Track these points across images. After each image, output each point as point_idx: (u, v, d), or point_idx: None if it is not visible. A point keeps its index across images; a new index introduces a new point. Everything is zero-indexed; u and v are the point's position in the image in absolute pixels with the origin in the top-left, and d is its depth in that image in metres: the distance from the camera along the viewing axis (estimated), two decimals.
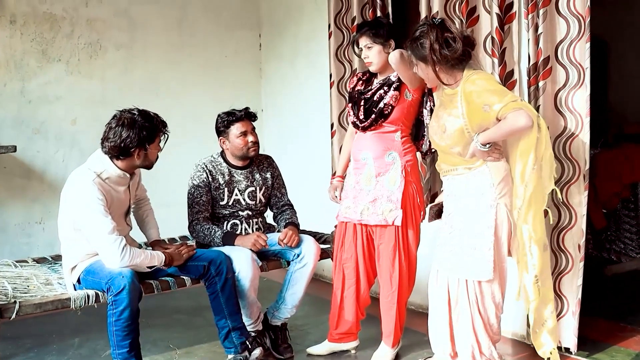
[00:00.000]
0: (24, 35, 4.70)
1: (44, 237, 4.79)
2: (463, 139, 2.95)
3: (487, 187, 2.98)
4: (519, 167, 2.91)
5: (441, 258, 3.12)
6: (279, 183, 3.89)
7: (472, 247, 2.98)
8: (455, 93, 2.98)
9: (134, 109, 3.18)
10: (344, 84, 4.69)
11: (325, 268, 4.99)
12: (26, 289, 3.25)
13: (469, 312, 3.04)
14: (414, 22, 4.26)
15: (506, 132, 2.85)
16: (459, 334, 3.10)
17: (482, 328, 3.05)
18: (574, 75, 3.29)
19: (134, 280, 3.00)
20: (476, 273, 3.00)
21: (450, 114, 2.99)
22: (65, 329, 4.14)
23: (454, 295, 3.09)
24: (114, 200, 3.18)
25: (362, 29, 3.46)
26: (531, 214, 2.92)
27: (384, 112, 3.39)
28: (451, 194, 3.11)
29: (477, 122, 2.90)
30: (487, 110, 2.84)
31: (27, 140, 4.70)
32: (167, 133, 3.28)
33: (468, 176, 3.02)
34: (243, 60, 5.76)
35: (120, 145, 3.11)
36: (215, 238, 3.55)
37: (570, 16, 3.25)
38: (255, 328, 3.55)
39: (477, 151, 2.92)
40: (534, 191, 2.90)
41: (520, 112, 2.79)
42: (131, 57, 5.16)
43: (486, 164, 2.98)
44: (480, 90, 2.89)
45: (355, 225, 3.55)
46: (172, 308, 4.56)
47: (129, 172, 3.24)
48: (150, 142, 3.18)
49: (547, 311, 3.06)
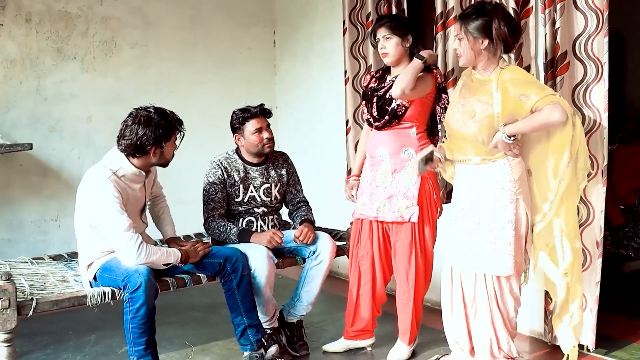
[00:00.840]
0: (40, 33, 4.71)
1: (59, 235, 4.81)
2: (491, 127, 2.95)
3: (507, 182, 2.97)
4: (552, 163, 2.93)
5: (455, 254, 3.11)
6: (295, 179, 3.88)
7: (491, 242, 2.97)
8: (489, 80, 2.98)
9: (150, 107, 3.18)
10: (358, 80, 4.67)
11: (340, 265, 4.99)
12: (43, 286, 3.27)
13: (487, 308, 3.02)
14: (428, 18, 4.25)
15: (539, 125, 2.86)
16: (477, 330, 3.09)
17: (500, 323, 3.04)
18: (592, 70, 3.25)
19: (150, 278, 3.01)
20: (495, 268, 2.99)
21: (480, 99, 2.98)
22: (82, 326, 4.16)
23: (470, 291, 3.07)
24: (130, 197, 3.18)
25: (382, 20, 3.46)
26: (564, 208, 2.95)
27: (397, 112, 3.38)
28: (466, 187, 3.09)
29: (508, 112, 2.90)
30: (524, 100, 2.85)
31: (42, 138, 4.72)
32: (183, 131, 3.28)
33: (487, 168, 3.00)
34: (257, 57, 5.76)
35: (136, 143, 3.11)
36: (231, 235, 3.55)
37: (588, 10, 3.22)
38: (271, 325, 3.55)
39: (501, 142, 2.92)
40: (568, 187, 2.93)
41: (557, 106, 2.81)
42: (146, 54, 5.16)
43: (507, 157, 2.97)
44: (518, 80, 2.92)
45: (372, 222, 3.53)
46: (188, 305, 4.56)
47: (145, 170, 3.25)
48: (166, 140, 3.17)
49: (573, 306, 3.06)
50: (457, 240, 3.09)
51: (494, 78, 2.97)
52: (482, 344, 3.09)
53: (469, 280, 3.08)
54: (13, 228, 4.68)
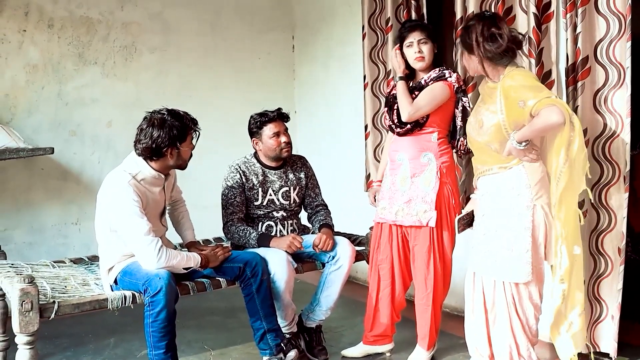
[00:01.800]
0: (61, 39, 4.76)
1: (80, 238, 4.85)
2: (500, 135, 2.93)
3: (523, 188, 2.94)
4: (553, 165, 2.88)
5: (476, 260, 3.09)
6: (313, 183, 3.88)
7: (508, 249, 2.95)
8: (496, 87, 2.98)
9: (163, 109, 3.21)
10: (378, 85, 4.67)
11: (359, 270, 4.98)
12: (64, 289, 3.29)
13: (506, 314, 3.00)
14: (448, 23, 4.24)
15: (539, 129, 2.82)
16: (496, 336, 3.07)
17: (520, 329, 3.01)
18: (613, 75, 3.22)
19: (170, 282, 3.02)
20: (513, 275, 2.96)
21: (488, 109, 2.98)
22: (101, 329, 4.19)
23: (490, 297, 3.06)
24: (150, 201, 3.20)
25: (413, 23, 3.49)
26: (563, 211, 2.88)
27: (419, 120, 3.38)
28: (486, 194, 3.08)
29: (513, 118, 2.88)
30: (522, 106, 2.83)
31: (63, 142, 4.77)
32: (199, 130, 3.29)
33: (503, 175, 2.99)
34: (276, 62, 5.78)
35: (152, 145, 3.13)
36: (251, 239, 3.56)
37: (610, 15, 3.19)
38: (290, 330, 3.55)
39: (514, 149, 2.90)
40: (565, 188, 2.86)
41: (553, 108, 2.75)
42: (165, 60, 5.20)
43: (522, 164, 2.95)
44: (517, 86, 2.88)
45: (391, 226, 3.53)
46: (207, 309, 4.58)
47: (164, 173, 3.27)
48: (181, 140, 3.19)
49: (573, 314, 2.97)
50: (478, 246, 3.08)
51: (499, 85, 2.97)
52: (501, 350, 3.06)
53: (489, 286, 3.06)
54: (34, 231, 4.72)
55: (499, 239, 2.98)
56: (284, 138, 3.69)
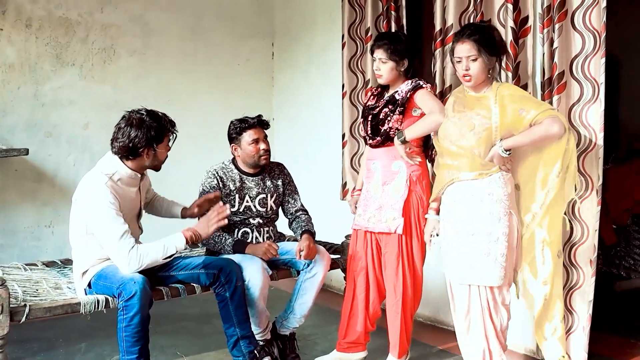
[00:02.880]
0: (39, 39, 4.72)
1: (53, 241, 4.80)
2: (488, 140, 3.01)
3: (502, 195, 3.03)
4: (541, 175, 3.03)
5: (449, 267, 3.13)
6: (291, 189, 3.88)
7: (485, 254, 3.00)
8: (485, 97, 3.05)
9: (142, 110, 3.21)
10: (356, 94, 4.70)
11: (333, 278, 4.98)
12: (36, 293, 3.26)
13: (481, 319, 3.05)
14: (427, 34, 4.28)
15: (538, 137, 2.94)
16: (470, 342, 3.10)
17: (493, 335, 3.06)
18: (588, 90, 3.28)
19: (145, 287, 3.00)
20: (488, 278, 3.02)
21: (478, 113, 3.05)
22: (73, 334, 4.14)
23: (465, 303, 3.09)
24: (126, 202, 3.18)
25: (382, 41, 3.47)
26: (547, 219, 3.03)
27: (390, 135, 3.41)
28: (460, 200, 3.10)
29: (506, 126, 2.98)
30: (524, 114, 2.94)
31: (39, 143, 4.72)
32: (176, 132, 3.29)
33: (482, 182, 3.04)
34: (255, 69, 5.79)
35: (128, 145, 3.12)
36: (226, 246, 3.55)
37: (586, 31, 3.25)
38: (263, 337, 3.54)
39: (497, 156, 3.00)
40: (555, 198, 3.01)
41: (556, 119, 2.92)
42: (145, 63, 5.18)
43: (501, 172, 3.03)
44: (517, 96, 3.02)
45: (366, 233, 3.56)
46: (180, 315, 4.55)
47: (140, 173, 3.26)
48: (158, 142, 3.19)
49: (555, 320, 3.12)
50: (453, 252, 3.11)
51: (491, 94, 3.05)
52: (475, 356, 3.10)
53: (462, 293, 3.10)
54: (6, 233, 4.67)
55: (476, 244, 3.02)
56: (263, 145, 3.69)
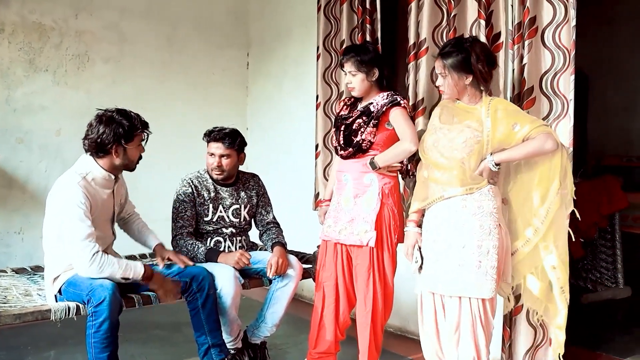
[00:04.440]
0: (12, 44, 4.69)
1: (22, 248, 4.74)
2: (479, 153, 3.04)
3: (491, 208, 3.05)
4: (539, 191, 3.07)
5: (437, 279, 3.13)
6: (264, 201, 3.89)
7: (476, 266, 3.03)
8: (476, 109, 3.08)
9: (113, 109, 3.22)
10: (330, 105, 4.73)
11: (305, 288, 5.00)
12: (4, 299, 3.22)
13: (471, 330, 3.06)
14: (402, 47, 4.34)
15: (531, 152, 2.99)
16: (460, 354, 3.12)
17: (484, 345, 3.09)
18: (557, 106, 3.34)
19: (115, 292, 2.98)
20: (479, 291, 3.04)
21: (469, 125, 3.06)
22: (41, 341, 4.10)
23: (455, 316, 3.10)
24: (99, 203, 3.17)
25: (349, 54, 3.49)
26: (553, 232, 3.09)
27: (362, 147, 3.42)
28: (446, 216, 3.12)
29: (498, 140, 3.01)
30: (517, 130, 2.97)
31: (10, 149, 4.68)
32: (148, 132, 3.29)
33: (473, 196, 3.06)
34: (230, 79, 5.81)
35: (97, 140, 3.13)
36: (199, 254, 3.55)
37: (556, 48, 3.32)
38: (234, 345, 3.55)
39: (487, 169, 3.03)
40: (558, 212, 3.07)
41: (550, 135, 2.97)
42: (119, 70, 5.16)
43: (489, 185, 3.07)
44: (509, 110, 3.05)
45: (336, 244, 3.57)
46: (151, 323, 4.52)
47: (113, 174, 3.25)
48: (128, 140, 3.18)
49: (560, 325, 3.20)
50: (438, 265, 3.13)
51: (482, 107, 3.06)
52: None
53: (452, 305, 3.12)
54: None
55: (467, 257, 3.04)
56: (215, 161, 3.68)
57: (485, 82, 3.10)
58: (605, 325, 4.77)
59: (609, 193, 4.98)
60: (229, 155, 3.68)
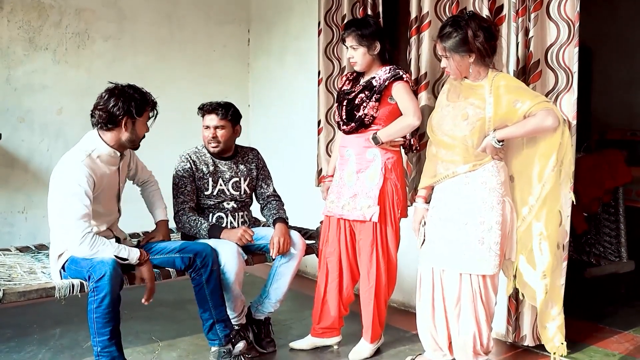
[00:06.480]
0: (11, 22, 4.65)
1: (26, 227, 4.75)
2: (482, 130, 3.03)
3: (495, 184, 3.05)
4: (537, 168, 3.05)
5: (439, 255, 3.14)
6: (264, 174, 3.88)
7: (479, 242, 3.03)
8: (480, 86, 3.06)
9: (125, 84, 3.21)
10: (332, 81, 4.70)
11: (308, 264, 5.01)
12: (9, 277, 3.23)
13: (472, 306, 3.08)
14: (404, 21, 4.30)
15: (531, 129, 2.97)
16: (461, 328, 3.13)
17: (484, 319, 3.11)
18: (562, 79, 3.32)
19: (115, 267, 2.98)
20: (481, 267, 3.05)
21: (472, 103, 3.05)
22: (47, 319, 4.12)
23: (455, 292, 3.12)
24: (105, 180, 3.17)
25: (349, 28, 3.47)
26: (544, 212, 3.06)
27: (364, 121, 3.42)
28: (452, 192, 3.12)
29: (500, 117, 2.99)
30: (518, 106, 2.95)
31: (11, 128, 4.66)
32: (156, 110, 3.29)
33: (475, 173, 3.06)
34: (231, 55, 5.77)
35: (109, 111, 3.12)
36: (202, 230, 3.55)
37: (561, 21, 3.28)
38: (238, 321, 3.56)
39: (490, 146, 3.02)
40: (551, 191, 3.04)
41: (551, 112, 2.94)
42: (119, 48, 5.13)
43: (494, 161, 3.05)
44: (512, 86, 3.02)
45: (339, 220, 3.57)
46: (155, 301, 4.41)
47: (119, 151, 3.24)
48: (138, 113, 3.17)
49: (554, 311, 3.18)
50: (442, 241, 3.13)
51: (486, 83, 3.05)
52: (465, 341, 3.13)
53: (452, 281, 3.12)
54: None
55: (470, 233, 3.05)
56: (210, 133, 3.68)
57: (489, 57, 3.07)
58: (608, 299, 4.78)
59: (613, 167, 4.96)
60: (223, 127, 3.67)
